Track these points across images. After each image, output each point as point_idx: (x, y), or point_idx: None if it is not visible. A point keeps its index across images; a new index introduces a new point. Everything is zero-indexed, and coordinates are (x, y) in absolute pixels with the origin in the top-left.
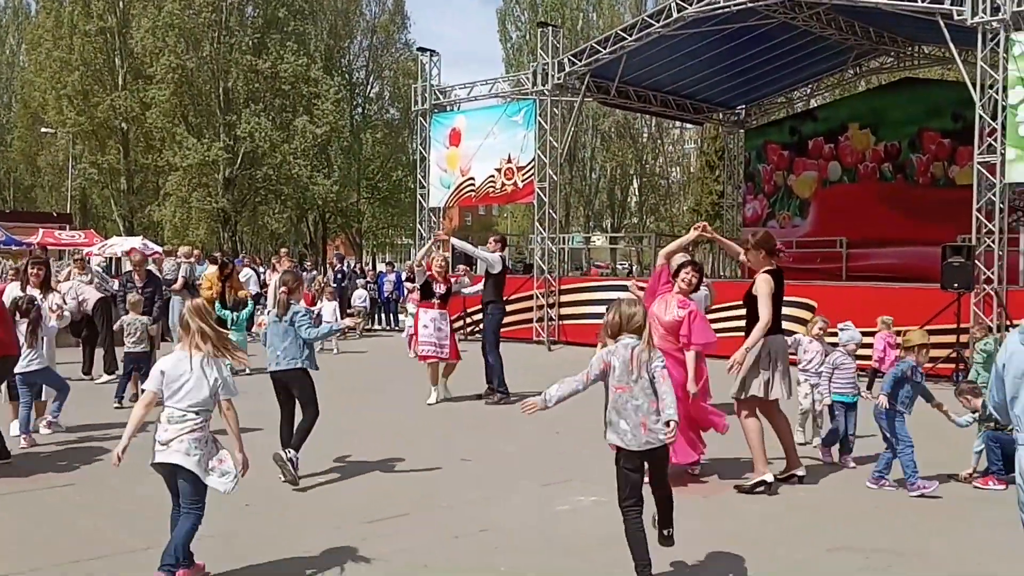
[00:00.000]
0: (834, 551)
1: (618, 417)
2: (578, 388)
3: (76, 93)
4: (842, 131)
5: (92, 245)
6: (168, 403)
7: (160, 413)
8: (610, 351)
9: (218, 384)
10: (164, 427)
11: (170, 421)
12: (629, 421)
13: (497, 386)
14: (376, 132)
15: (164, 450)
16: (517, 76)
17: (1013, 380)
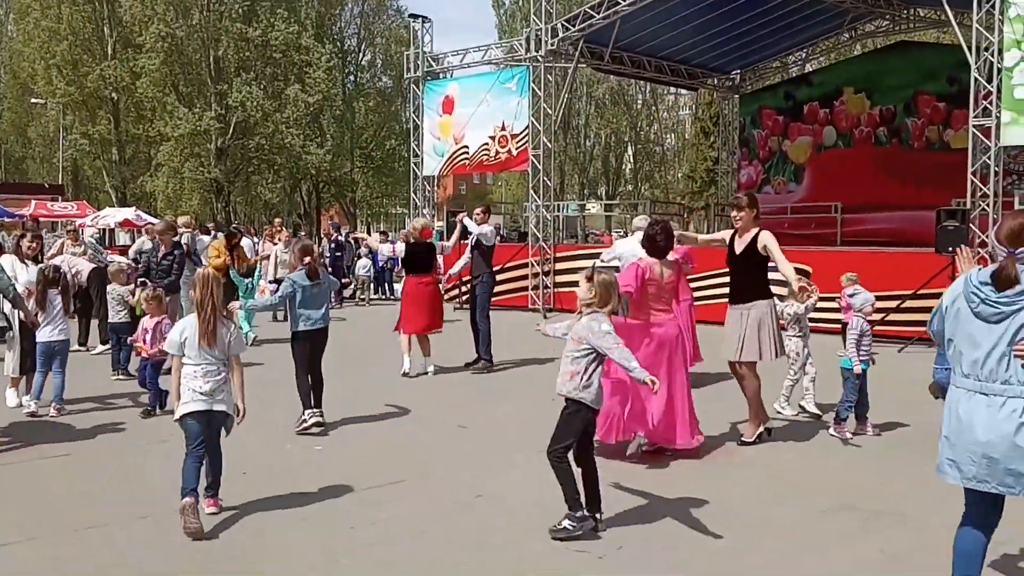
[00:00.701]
0: (828, 512)
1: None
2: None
3: (65, 63)
4: (837, 95)
5: (85, 216)
6: (193, 361)
7: (184, 370)
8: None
9: (230, 341)
10: (201, 380)
11: (207, 375)
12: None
13: (484, 354)
14: (369, 100)
15: (208, 399)
16: (510, 42)
17: (951, 323)
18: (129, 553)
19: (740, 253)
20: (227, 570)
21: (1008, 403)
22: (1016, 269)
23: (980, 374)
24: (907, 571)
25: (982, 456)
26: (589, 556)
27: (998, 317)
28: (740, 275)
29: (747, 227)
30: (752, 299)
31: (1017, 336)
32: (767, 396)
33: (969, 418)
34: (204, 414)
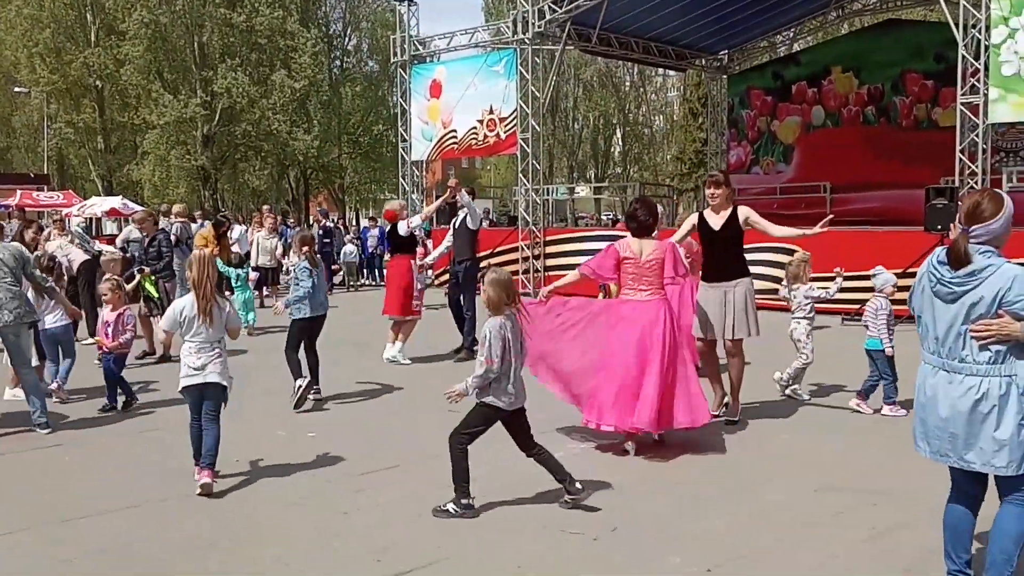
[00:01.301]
0: (821, 492)
1: (508, 382)
2: (495, 375)
3: (48, 51)
4: (825, 75)
5: (71, 206)
6: (190, 338)
7: (183, 347)
8: (503, 326)
9: (226, 318)
10: (195, 356)
11: (200, 351)
12: (516, 385)
13: (468, 341)
14: (355, 85)
15: (199, 374)
16: (497, 25)
17: (919, 299)
18: (122, 541)
19: (720, 229)
20: (221, 556)
21: (965, 380)
22: (966, 246)
23: (941, 351)
24: (895, 548)
25: (944, 431)
26: (584, 538)
27: (951, 297)
28: (721, 252)
29: (723, 204)
30: (736, 276)
31: (971, 316)
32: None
33: (934, 393)
34: (199, 387)
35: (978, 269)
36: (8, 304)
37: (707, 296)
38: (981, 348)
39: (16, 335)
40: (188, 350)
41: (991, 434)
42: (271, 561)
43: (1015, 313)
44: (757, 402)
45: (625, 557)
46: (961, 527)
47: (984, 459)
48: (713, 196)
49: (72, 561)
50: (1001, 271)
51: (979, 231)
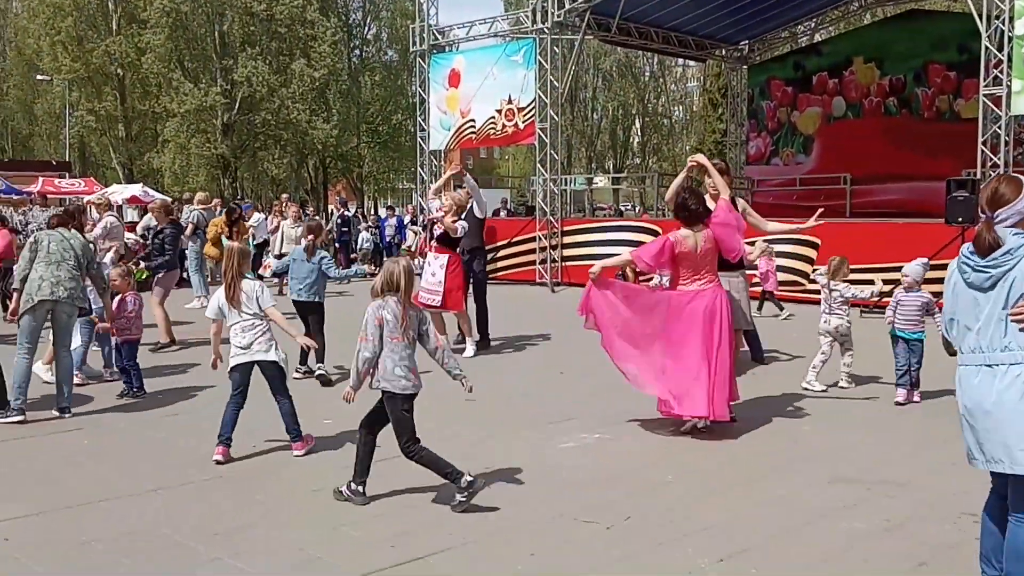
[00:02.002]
0: (836, 483)
1: (394, 364)
2: (369, 355)
3: (70, 39)
4: (847, 65)
5: (92, 193)
6: (231, 322)
7: (230, 330)
8: (380, 305)
9: (258, 298)
10: (240, 336)
11: (244, 331)
12: (402, 368)
13: (486, 333)
14: (375, 75)
15: (245, 352)
16: (517, 14)
17: (951, 300)
18: (143, 524)
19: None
20: (238, 540)
21: (1010, 370)
22: (993, 233)
23: (983, 344)
24: (911, 541)
25: (996, 432)
26: (597, 527)
27: (990, 282)
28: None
29: (722, 191)
30: (733, 267)
31: (1011, 298)
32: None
33: (978, 395)
34: (247, 366)
35: (1014, 247)
36: (66, 282)
37: None
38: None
39: (69, 315)
40: (234, 331)
41: None
42: (288, 545)
43: None
44: (774, 393)
45: (638, 546)
46: (994, 528)
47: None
48: (711, 185)
49: (94, 543)
50: None
51: (1003, 214)
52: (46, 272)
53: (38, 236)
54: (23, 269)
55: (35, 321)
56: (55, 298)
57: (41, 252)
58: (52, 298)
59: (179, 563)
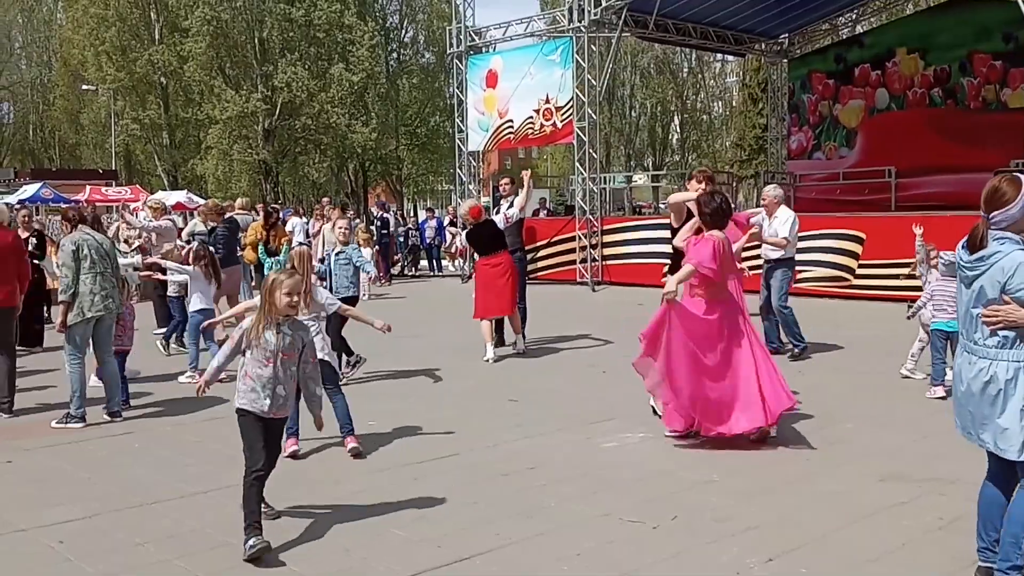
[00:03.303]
0: (886, 480)
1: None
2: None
3: (114, 49)
4: (889, 57)
5: (138, 200)
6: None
7: None
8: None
9: (326, 301)
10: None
11: None
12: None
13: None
14: (412, 77)
15: None
16: (553, 13)
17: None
18: (190, 526)
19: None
20: (284, 542)
21: (977, 362)
22: (984, 231)
23: (964, 333)
24: (963, 539)
25: (965, 408)
26: (643, 526)
27: (967, 280)
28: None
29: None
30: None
31: (980, 299)
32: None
33: (959, 371)
34: None
35: (987, 254)
36: (113, 293)
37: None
38: (991, 332)
39: (112, 323)
40: None
41: (995, 418)
42: (333, 548)
43: (1018, 300)
44: (818, 390)
45: (684, 546)
46: (990, 507)
47: (993, 440)
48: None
49: (145, 545)
50: (1008, 257)
51: (997, 217)
52: (95, 286)
53: (79, 244)
54: (71, 282)
55: (87, 332)
56: (107, 311)
57: (86, 263)
58: (104, 312)
59: (228, 564)
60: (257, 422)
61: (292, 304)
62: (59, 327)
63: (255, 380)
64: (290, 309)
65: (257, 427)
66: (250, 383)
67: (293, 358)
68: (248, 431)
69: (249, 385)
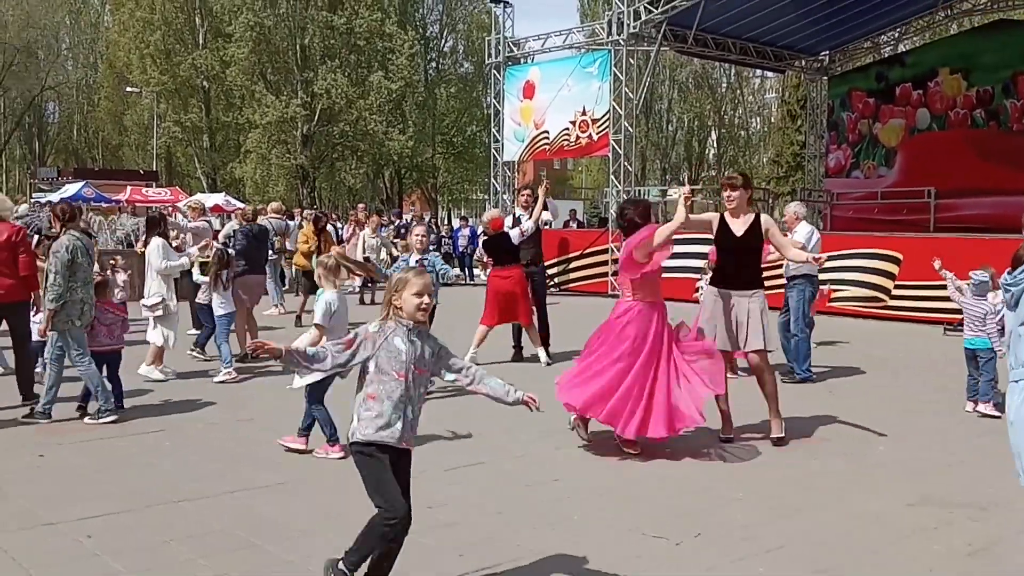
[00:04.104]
0: (917, 504)
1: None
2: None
3: (159, 52)
4: (931, 76)
5: (177, 202)
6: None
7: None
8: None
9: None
10: None
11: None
12: None
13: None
14: (450, 87)
15: None
16: (592, 26)
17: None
18: (219, 525)
19: (742, 236)
20: (310, 544)
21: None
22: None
23: (1013, 361)
24: (994, 565)
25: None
26: (667, 543)
27: (1014, 300)
28: (741, 260)
29: (741, 208)
30: (756, 286)
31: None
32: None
33: (1018, 411)
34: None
35: None
36: (92, 299)
37: (717, 304)
38: None
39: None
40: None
41: None
42: None
43: None
44: (848, 411)
45: (707, 564)
46: None
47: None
48: (730, 199)
49: (171, 543)
50: None
51: None
52: (86, 295)
53: (72, 250)
54: (64, 291)
55: (82, 333)
56: (93, 319)
57: (80, 272)
58: (91, 320)
59: (253, 565)
60: (383, 456)
61: (424, 307)
62: (41, 332)
63: (382, 400)
64: (421, 313)
65: (384, 463)
66: (375, 406)
67: (426, 373)
68: (373, 470)
69: (374, 409)
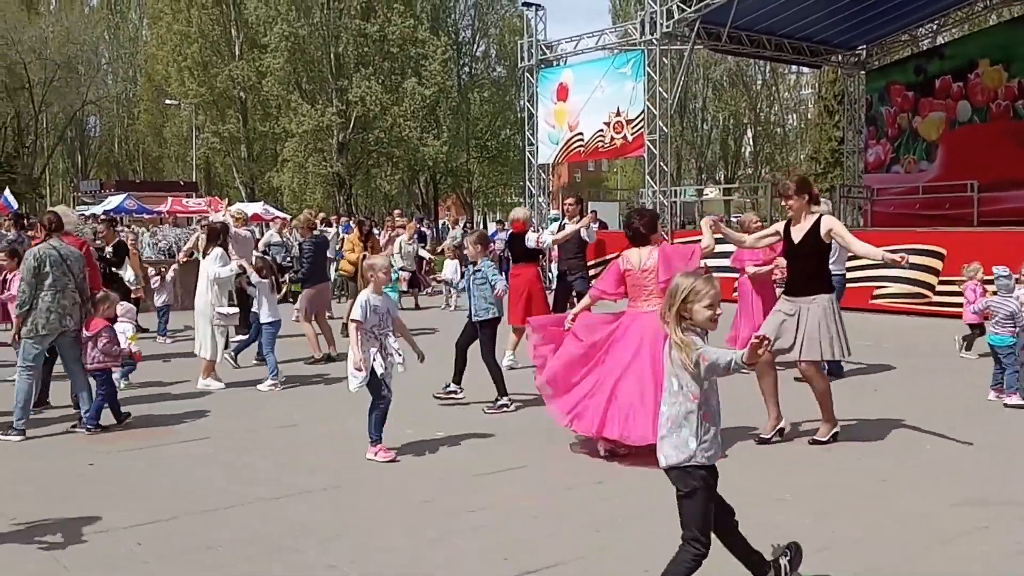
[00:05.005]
0: (962, 504)
1: None
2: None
3: (196, 65)
4: (971, 68)
5: (217, 212)
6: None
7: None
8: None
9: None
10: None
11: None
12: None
13: None
14: (483, 91)
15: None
16: (625, 26)
17: None
18: (261, 531)
19: (799, 243)
20: (349, 548)
21: None
22: None
23: None
24: None
25: None
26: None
27: None
28: (799, 266)
29: (800, 216)
30: (813, 292)
31: None
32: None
33: None
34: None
35: None
36: (72, 311)
37: (781, 308)
38: None
39: (74, 339)
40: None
41: None
42: (398, 554)
43: None
44: (898, 408)
45: None
46: None
47: None
48: (788, 208)
49: (217, 549)
50: None
51: None
52: (53, 303)
53: (41, 259)
54: (28, 298)
55: (40, 347)
56: (64, 329)
57: (47, 280)
58: (61, 330)
59: (297, 569)
60: (712, 480)
61: (715, 318)
62: (11, 340)
63: (713, 420)
64: (712, 325)
65: (713, 487)
66: (711, 428)
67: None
68: (708, 495)
69: (711, 431)
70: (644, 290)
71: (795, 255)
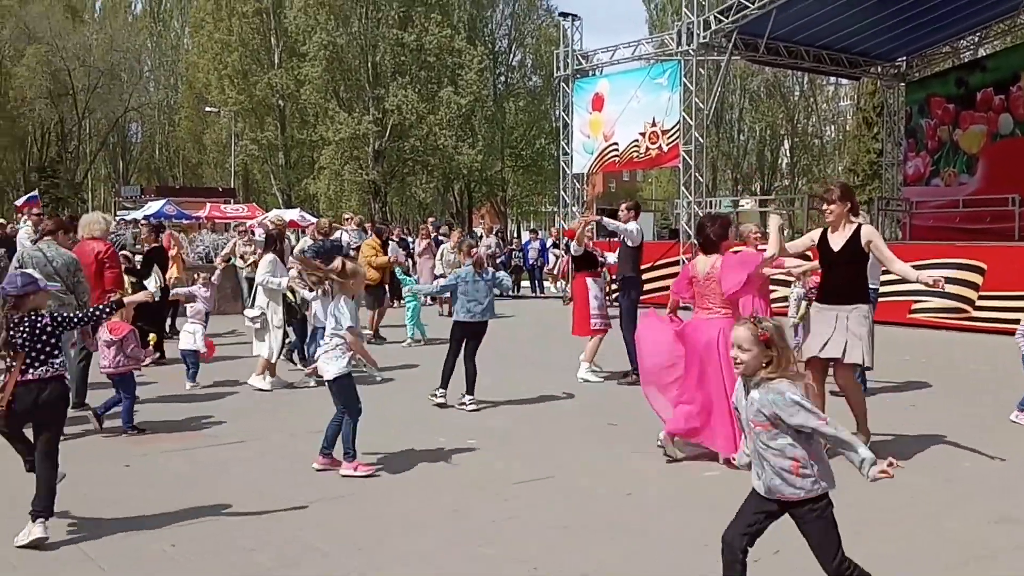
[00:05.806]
0: (1001, 522)
1: None
2: None
3: (236, 73)
4: (1014, 81)
5: (254, 218)
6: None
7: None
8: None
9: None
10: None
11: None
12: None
13: (633, 368)
14: (519, 100)
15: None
16: (661, 37)
17: None
18: (290, 536)
19: (839, 251)
20: (376, 555)
21: None
22: None
23: None
24: None
25: None
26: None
27: None
28: (837, 274)
29: (840, 223)
30: (852, 301)
31: None
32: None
33: None
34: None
35: None
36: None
37: (818, 318)
38: None
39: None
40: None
41: None
42: (429, 562)
43: None
44: (937, 425)
45: None
46: None
47: None
48: (828, 213)
49: (252, 552)
50: None
51: None
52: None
53: (24, 261)
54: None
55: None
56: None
57: None
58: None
59: (329, 574)
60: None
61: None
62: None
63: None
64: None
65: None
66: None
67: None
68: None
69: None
70: (706, 299)
71: (834, 263)
